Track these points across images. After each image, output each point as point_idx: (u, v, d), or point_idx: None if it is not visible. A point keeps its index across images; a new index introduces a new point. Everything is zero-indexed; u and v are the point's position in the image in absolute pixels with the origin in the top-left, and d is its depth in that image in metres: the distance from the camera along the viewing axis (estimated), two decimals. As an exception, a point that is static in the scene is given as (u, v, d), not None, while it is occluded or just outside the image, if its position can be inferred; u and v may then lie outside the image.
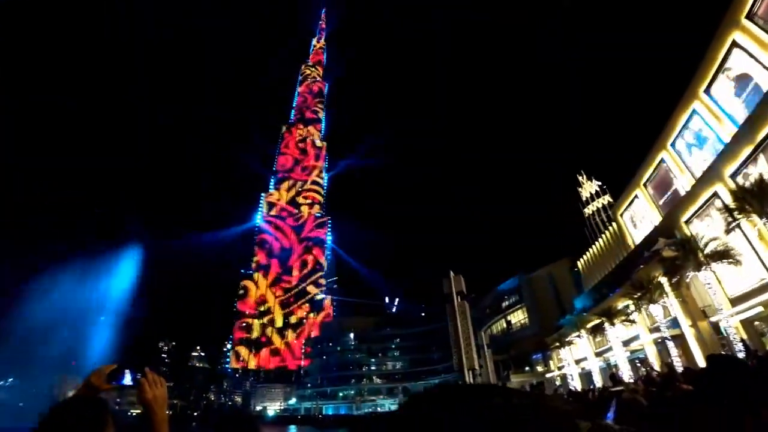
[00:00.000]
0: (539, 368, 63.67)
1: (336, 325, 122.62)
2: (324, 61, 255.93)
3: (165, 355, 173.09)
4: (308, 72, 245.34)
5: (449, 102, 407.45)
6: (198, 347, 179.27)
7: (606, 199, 63.93)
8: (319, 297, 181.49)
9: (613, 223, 51.20)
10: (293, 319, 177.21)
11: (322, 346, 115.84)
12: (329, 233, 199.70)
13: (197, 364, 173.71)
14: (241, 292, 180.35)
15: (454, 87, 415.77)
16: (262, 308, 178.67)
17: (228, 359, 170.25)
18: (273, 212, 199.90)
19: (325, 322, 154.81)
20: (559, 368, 56.22)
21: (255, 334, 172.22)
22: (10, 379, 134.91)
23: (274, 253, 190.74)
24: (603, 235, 54.18)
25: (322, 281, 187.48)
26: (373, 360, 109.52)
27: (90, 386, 2.02)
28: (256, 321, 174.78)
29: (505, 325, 78.79)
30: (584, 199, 68.10)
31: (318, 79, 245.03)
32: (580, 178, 69.47)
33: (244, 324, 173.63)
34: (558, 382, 53.99)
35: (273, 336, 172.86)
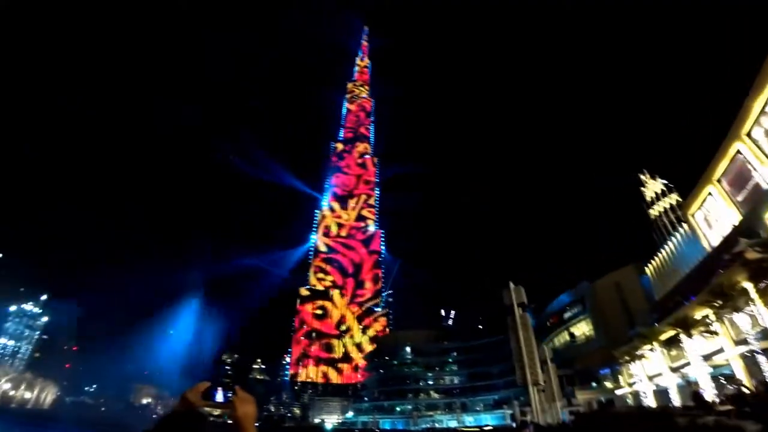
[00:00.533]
0: (608, 384, 58.96)
1: (392, 339, 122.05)
2: (369, 78, 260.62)
3: (228, 367, 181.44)
4: (356, 91, 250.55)
5: (486, 103, 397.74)
6: (258, 360, 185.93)
7: (674, 198, 58.68)
8: (378, 310, 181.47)
9: (684, 225, 46.78)
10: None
11: (379, 359, 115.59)
12: (383, 246, 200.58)
13: (258, 377, 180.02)
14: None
15: (489, 86, 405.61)
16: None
17: (287, 371, 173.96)
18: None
19: (381, 335, 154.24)
20: (630, 385, 51.69)
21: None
22: (94, 386, 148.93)
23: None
24: (673, 238, 49.61)
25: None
26: (429, 374, 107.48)
27: (186, 402, 2.27)
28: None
29: (568, 337, 74.27)
30: (649, 199, 62.91)
31: (366, 96, 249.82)
32: (642, 177, 64.31)
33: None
34: (629, 400, 49.61)
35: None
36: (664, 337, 39.84)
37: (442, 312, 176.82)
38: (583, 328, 69.46)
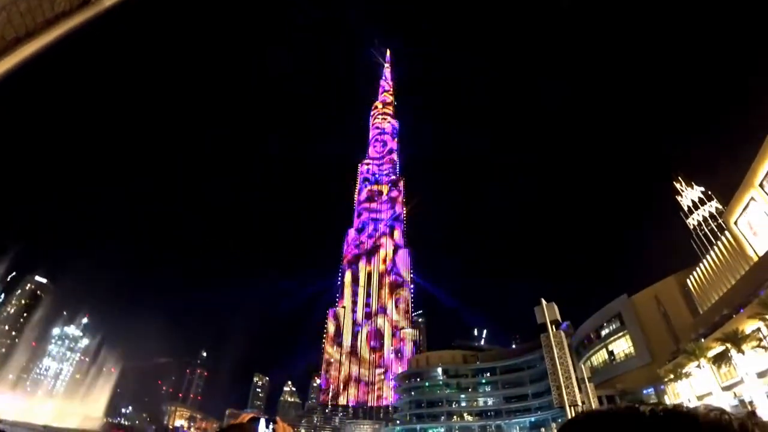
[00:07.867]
0: (653, 405, 55.61)
1: (423, 360, 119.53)
2: (394, 100, 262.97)
3: (259, 390, 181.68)
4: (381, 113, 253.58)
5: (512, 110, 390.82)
6: (289, 382, 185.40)
7: (713, 205, 55.74)
8: (407, 331, 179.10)
9: (726, 233, 44.34)
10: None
11: (410, 381, 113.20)
12: (411, 267, 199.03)
13: (289, 399, 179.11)
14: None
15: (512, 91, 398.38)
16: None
17: (319, 392, 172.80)
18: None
19: (412, 357, 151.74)
20: (679, 405, 48.53)
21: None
22: (130, 407, 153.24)
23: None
24: (715, 248, 47.01)
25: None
26: (463, 396, 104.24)
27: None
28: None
29: (607, 355, 70.85)
30: (686, 207, 60.04)
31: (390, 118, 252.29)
32: (677, 185, 61.52)
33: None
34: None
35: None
36: (712, 353, 37.44)
37: (475, 331, 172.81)
38: (622, 346, 66.21)
